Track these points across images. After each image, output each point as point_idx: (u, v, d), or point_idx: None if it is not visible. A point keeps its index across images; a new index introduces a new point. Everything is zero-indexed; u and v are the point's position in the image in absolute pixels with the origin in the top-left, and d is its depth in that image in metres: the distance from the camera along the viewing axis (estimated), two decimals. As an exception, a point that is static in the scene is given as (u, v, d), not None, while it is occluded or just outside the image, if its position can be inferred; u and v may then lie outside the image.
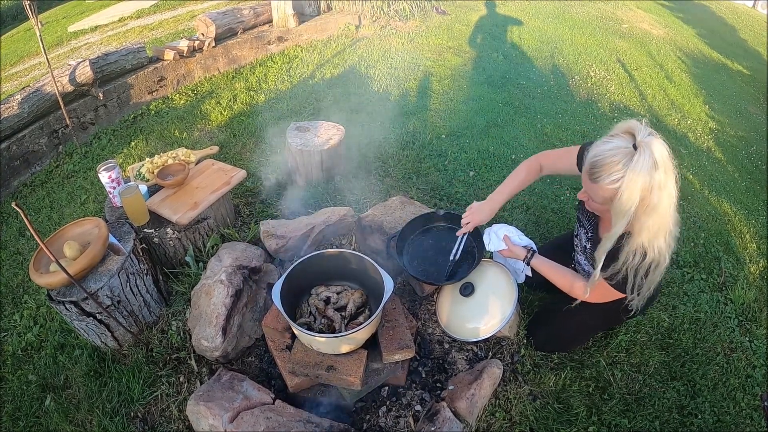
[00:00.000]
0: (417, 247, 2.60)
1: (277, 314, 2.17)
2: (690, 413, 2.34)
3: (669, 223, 1.72)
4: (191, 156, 3.09)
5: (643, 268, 1.79)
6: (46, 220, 3.76)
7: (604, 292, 1.99)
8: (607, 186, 1.67)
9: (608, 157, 1.65)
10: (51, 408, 2.29)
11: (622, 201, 1.64)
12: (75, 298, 2.12)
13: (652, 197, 1.62)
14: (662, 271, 1.83)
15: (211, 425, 1.93)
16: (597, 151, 1.69)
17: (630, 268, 1.80)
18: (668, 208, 1.68)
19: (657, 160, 1.59)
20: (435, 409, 2.02)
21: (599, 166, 1.67)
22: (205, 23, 5.75)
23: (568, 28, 8.01)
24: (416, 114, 4.84)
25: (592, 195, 1.80)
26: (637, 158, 1.59)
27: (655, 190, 1.61)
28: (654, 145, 1.60)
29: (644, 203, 1.64)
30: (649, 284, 1.86)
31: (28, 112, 4.24)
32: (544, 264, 2.23)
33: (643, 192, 1.61)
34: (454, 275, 2.44)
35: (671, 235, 1.77)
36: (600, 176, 1.68)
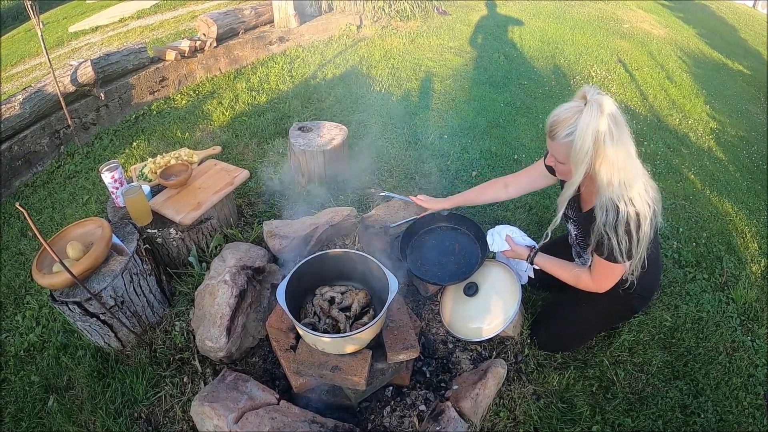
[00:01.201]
0: (420, 247, 2.62)
1: (282, 314, 2.18)
2: (693, 412, 2.35)
3: (632, 175, 1.82)
4: (194, 156, 3.09)
5: (621, 225, 1.84)
6: (48, 221, 3.76)
7: (604, 269, 2.04)
8: (563, 140, 1.82)
9: (562, 114, 1.82)
10: (54, 409, 2.28)
11: (577, 149, 1.77)
12: (78, 298, 2.12)
13: (606, 148, 1.75)
14: (646, 233, 1.88)
15: (215, 426, 1.93)
16: (554, 113, 1.87)
17: (608, 226, 1.86)
18: (625, 159, 1.79)
19: (604, 110, 1.73)
20: (439, 409, 2.02)
21: (556, 123, 1.84)
22: (207, 23, 5.75)
23: (569, 29, 8.02)
24: (418, 114, 4.84)
25: (555, 154, 1.93)
26: (586, 110, 1.74)
27: (606, 139, 1.74)
28: (602, 99, 1.74)
29: (599, 154, 1.77)
30: (636, 246, 1.90)
31: (29, 112, 4.24)
32: (548, 261, 2.29)
33: (595, 140, 1.74)
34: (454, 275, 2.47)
35: (647, 191, 1.87)
36: (557, 132, 1.84)
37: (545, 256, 2.30)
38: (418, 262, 2.54)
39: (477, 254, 2.54)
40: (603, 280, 2.09)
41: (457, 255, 2.58)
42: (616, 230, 1.86)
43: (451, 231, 2.68)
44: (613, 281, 2.08)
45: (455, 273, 2.48)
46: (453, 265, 2.53)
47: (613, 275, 2.05)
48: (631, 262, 1.98)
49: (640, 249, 1.92)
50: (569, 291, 2.50)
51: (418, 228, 2.66)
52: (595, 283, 2.11)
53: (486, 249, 2.44)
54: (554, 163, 2.01)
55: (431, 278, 2.47)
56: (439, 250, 2.60)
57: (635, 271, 2.03)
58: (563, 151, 1.86)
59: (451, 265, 2.52)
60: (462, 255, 2.58)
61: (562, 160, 1.91)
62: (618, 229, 1.85)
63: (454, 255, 2.58)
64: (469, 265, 2.49)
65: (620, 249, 1.89)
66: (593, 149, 1.76)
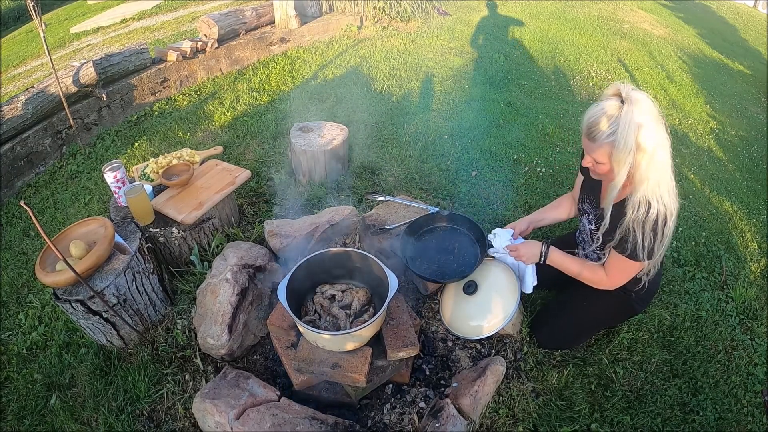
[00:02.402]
0: (421, 246, 2.63)
1: (283, 312, 2.19)
2: (692, 410, 2.36)
3: (668, 174, 1.85)
4: (195, 156, 3.10)
5: (650, 223, 1.85)
6: (51, 221, 3.78)
7: (621, 266, 2.05)
8: (606, 140, 1.80)
9: (600, 114, 1.80)
10: (56, 406, 2.29)
11: (620, 149, 1.77)
12: (81, 296, 2.13)
13: (647, 144, 1.75)
14: (671, 231, 1.89)
15: (217, 422, 1.94)
16: (590, 114, 1.84)
17: (636, 222, 1.87)
18: (664, 157, 1.82)
19: (644, 107, 1.73)
20: (439, 406, 2.03)
21: (595, 124, 1.81)
22: (208, 24, 5.77)
23: (569, 29, 8.03)
24: (418, 114, 4.85)
25: (595, 156, 1.89)
26: (626, 108, 1.73)
27: (648, 136, 1.74)
28: (639, 95, 1.75)
29: (641, 151, 1.76)
30: (659, 245, 1.90)
31: (32, 112, 4.26)
32: (560, 257, 2.28)
33: (637, 138, 1.74)
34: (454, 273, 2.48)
35: (674, 190, 1.88)
36: (597, 133, 1.81)
37: (557, 252, 2.29)
38: (418, 260, 2.55)
39: (476, 254, 2.55)
40: (617, 276, 2.10)
41: (457, 254, 2.59)
42: (643, 227, 1.86)
43: (451, 231, 2.69)
44: (627, 278, 2.10)
45: (455, 271, 2.48)
46: (453, 263, 2.53)
47: (629, 272, 2.07)
48: (649, 262, 1.98)
49: (662, 249, 1.93)
50: (569, 290, 2.52)
51: (418, 227, 2.67)
52: (609, 278, 2.13)
53: (485, 248, 2.46)
54: (592, 164, 1.98)
55: (431, 276, 2.48)
56: (439, 249, 2.61)
57: (651, 271, 2.06)
58: (605, 152, 1.84)
59: (451, 263, 2.52)
60: (461, 254, 2.58)
61: (603, 161, 1.89)
62: (645, 227, 1.86)
63: (454, 254, 2.59)
64: (469, 264, 2.49)
65: (643, 247, 1.90)
66: (635, 147, 1.76)
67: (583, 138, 1.92)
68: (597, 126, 1.81)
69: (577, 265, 2.24)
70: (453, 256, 2.57)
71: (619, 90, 1.79)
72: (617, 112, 1.76)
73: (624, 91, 1.77)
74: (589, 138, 1.86)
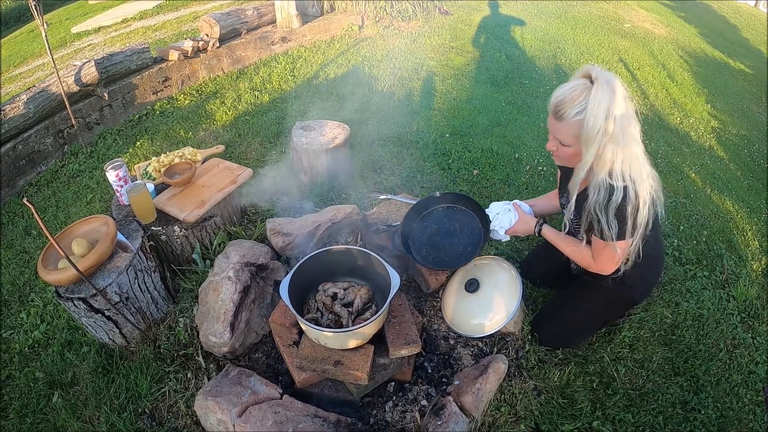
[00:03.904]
0: (421, 235, 2.57)
1: (285, 310, 2.19)
2: (693, 408, 2.36)
3: (637, 158, 1.80)
4: (197, 155, 3.11)
5: (612, 208, 1.81)
6: (52, 219, 3.79)
7: (598, 248, 2.02)
8: (573, 120, 1.77)
9: (569, 93, 1.76)
10: (58, 405, 2.30)
11: (588, 128, 1.73)
12: (83, 294, 2.14)
13: (615, 124, 1.72)
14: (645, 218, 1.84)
15: (219, 420, 1.95)
16: (558, 93, 1.81)
17: (598, 207, 1.84)
18: (632, 139, 1.78)
19: (614, 88, 1.70)
20: (441, 404, 2.03)
21: (563, 103, 1.78)
22: (209, 24, 5.78)
23: (570, 28, 8.03)
24: (420, 113, 4.86)
25: (561, 137, 1.86)
26: (595, 87, 1.70)
27: (617, 116, 1.71)
28: (610, 76, 1.72)
29: (608, 131, 1.73)
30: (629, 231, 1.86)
31: (33, 112, 4.27)
32: (554, 233, 2.26)
33: (606, 117, 1.70)
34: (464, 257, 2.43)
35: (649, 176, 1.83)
36: (564, 111, 1.78)
37: (551, 229, 2.27)
38: (423, 251, 2.51)
39: (479, 229, 2.48)
40: (603, 261, 2.06)
41: (460, 234, 2.52)
42: (606, 212, 1.83)
43: (447, 210, 2.61)
44: (612, 261, 2.04)
45: (463, 254, 2.44)
46: (459, 246, 2.48)
47: (609, 255, 2.01)
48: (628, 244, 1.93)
49: (635, 234, 1.88)
50: (569, 289, 2.52)
51: (414, 217, 2.62)
52: (596, 263, 2.09)
53: (487, 221, 2.39)
54: (557, 147, 1.94)
55: (441, 265, 2.45)
56: (441, 233, 2.55)
57: (629, 259, 2.02)
58: (571, 132, 1.81)
59: (457, 246, 2.47)
60: (465, 233, 2.51)
61: (569, 142, 1.85)
62: (608, 211, 1.83)
63: (457, 235, 2.53)
64: (475, 242, 2.43)
65: (609, 232, 1.87)
66: (604, 126, 1.72)
67: (549, 119, 1.88)
68: (565, 104, 1.78)
69: (568, 245, 2.21)
70: (457, 238, 2.52)
71: (589, 71, 1.77)
72: (586, 91, 1.73)
73: (594, 72, 1.75)
74: (556, 117, 1.83)
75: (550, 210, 2.53)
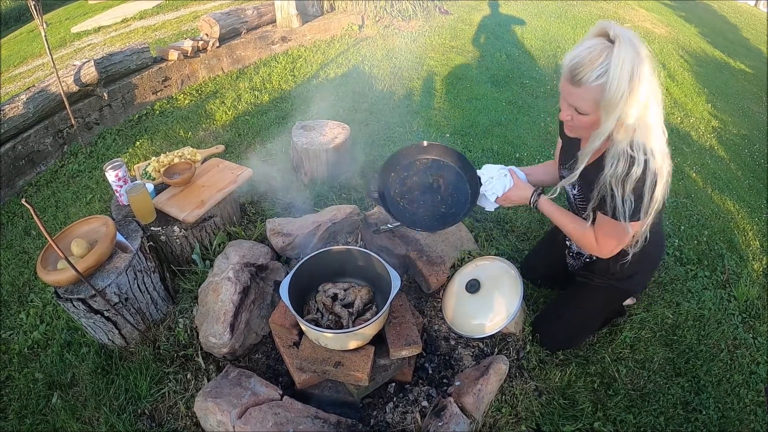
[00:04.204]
0: (400, 187, 2.33)
1: (285, 311, 2.19)
2: (694, 409, 2.35)
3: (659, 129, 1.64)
4: (197, 155, 3.10)
5: (631, 182, 1.65)
6: (52, 220, 3.78)
7: (606, 229, 1.85)
8: (593, 84, 1.57)
9: (586, 54, 1.56)
10: (58, 406, 2.29)
11: (611, 93, 1.54)
12: (83, 295, 2.13)
13: (640, 89, 1.54)
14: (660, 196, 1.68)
15: (219, 421, 1.94)
16: (573, 55, 1.60)
17: (615, 180, 1.67)
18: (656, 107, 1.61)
19: (637, 47, 1.52)
20: (442, 405, 2.03)
21: (580, 65, 1.57)
22: (209, 23, 5.77)
23: (570, 28, 8.02)
24: (420, 113, 4.85)
25: (578, 104, 1.67)
26: (617, 46, 1.50)
27: (642, 80, 1.53)
28: (631, 33, 1.54)
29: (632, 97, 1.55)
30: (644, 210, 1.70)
31: (33, 112, 4.26)
32: (553, 207, 2.09)
33: (630, 79, 1.52)
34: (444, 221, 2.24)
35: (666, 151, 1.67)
36: (583, 75, 1.57)
37: (550, 202, 2.08)
38: (400, 204, 2.27)
39: (466, 191, 2.25)
40: (607, 241, 1.90)
41: (444, 194, 2.30)
42: (623, 186, 1.66)
43: (433, 163, 2.35)
44: (617, 244, 1.90)
45: (445, 216, 2.24)
46: (440, 206, 2.26)
47: (618, 236, 1.85)
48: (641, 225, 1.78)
49: (649, 215, 1.72)
50: (567, 289, 2.51)
51: (393, 165, 2.34)
52: (599, 244, 1.93)
53: (477, 183, 2.19)
54: (571, 117, 1.74)
55: (417, 224, 2.23)
56: (422, 188, 2.31)
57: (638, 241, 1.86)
58: (591, 98, 1.60)
59: (438, 206, 2.25)
60: (449, 194, 2.29)
61: (587, 110, 1.65)
62: (626, 186, 1.65)
63: (440, 194, 2.30)
64: (459, 205, 2.23)
65: (624, 210, 1.70)
66: (628, 91, 1.52)
67: (563, 84, 1.67)
68: (583, 67, 1.56)
69: (567, 220, 2.05)
70: (440, 197, 2.30)
71: (606, 29, 1.56)
72: (606, 51, 1.53)
73: (612, 29, 1.54)
74: (572, 82, 1.62)
75: (547, 181, 2.35)
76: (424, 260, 2.64)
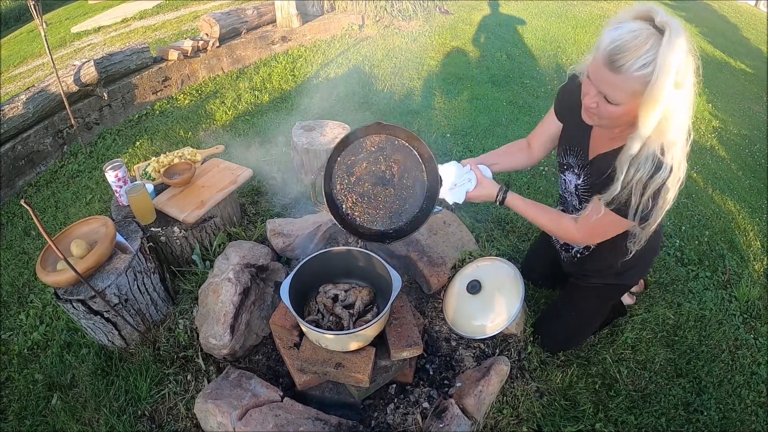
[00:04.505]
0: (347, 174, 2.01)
1: (285, 312, 2.18)
2: (696, 410, 2.35)
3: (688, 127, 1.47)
4: (197, 155, 3.09)
5: (653, 186, 1.51)
6: (52, 220, 3.77)
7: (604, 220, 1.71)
8: (636, 73, 1.38)
9: (631, 39, 1.37)
10: (57, 407, 2.29)
11: (657, 86, 1.36)
12: (82, 296, 2.13)
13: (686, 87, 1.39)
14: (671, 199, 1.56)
15: (219, 423, 1.94)
16: (614, 36, 1.40)
17: (639, 182, 1.52)
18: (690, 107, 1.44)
19: (688, 40, 1.36)
20: (443, 406, 2.02)
21: (623, 50, 1.38)
22: (209, 23, 5.76)
23: (571, 27, 8.00)
24: (421, 113, 4.85)
25: (611, 92, 1.48)
26: (668, 37, 1.33)
27: (689, 76, 1.39)
28: (680, 25, 1.36)
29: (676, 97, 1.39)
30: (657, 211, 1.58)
31: (33, 112, 4.26)
32: (521, 201, 1.94)
33: (678, 75, 1.35)
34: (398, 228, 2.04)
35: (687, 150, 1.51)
36: (626, 62, 1.38)
37: (517, 196, 1.95)
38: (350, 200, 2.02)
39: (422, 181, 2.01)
40: (592, 232, 1.79)
41: (398, 185, 2.02)
42: (644, 189, 1.53)
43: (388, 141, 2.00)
44: (604, 237, 1.80)
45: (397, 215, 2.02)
46: (394, 201, 2.02)
47: (610, 231, 1.76)
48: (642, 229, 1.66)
49: (660, 217, 1.61)
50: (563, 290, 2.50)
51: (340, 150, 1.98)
52: (581, 232, 1.81)
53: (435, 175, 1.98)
54: (597, 104, 1.56)
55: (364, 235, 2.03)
56: (373, 177, 2.01)
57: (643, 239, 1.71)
58: (630, 88, 1.42)
59: (392, 201, 2.01)
60: (404, 184, 2.02)
61: (621, 100, 1.48)
62: (647, 189, 1.52)
63: (394, 185, 2.02)
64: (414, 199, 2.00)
65: (637, 210, 1.58)
66: (673, 86, 1.36)
67: (597, 67, 1.48)
68: (626, 53, 1.38)
69: (542, 213, 1.92)
70: (393, 189, 2.03)
71: (650, 14, 1.39)
72: (652, 38, 1.36)
73: (658, 15, 1.37)
74: (610, 67, 1.42)
75: (516, 165, 2.23)
76: (425, 261, 2.63)
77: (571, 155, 1.93)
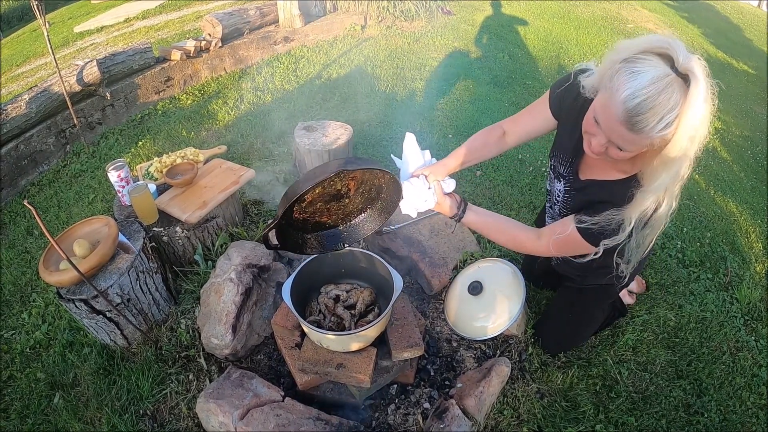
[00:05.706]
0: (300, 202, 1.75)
1: (287, 312, 2.18)
2: (696, 412, 2.35)
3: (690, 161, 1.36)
4: (199, 155, 3.10)
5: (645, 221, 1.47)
6: (54, 220, 3.78)
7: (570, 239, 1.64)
8: (656, 134, 1.28)
9: (654, 96, 1.23)
10: (60, 406, 2.30)
11: (675, 148, 1.27)
12: (85, 296, 2.13)
13: (699, 143, 1.31)
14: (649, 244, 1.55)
15: (221, 423, 1.94)
16: (634, 89, 1.25)
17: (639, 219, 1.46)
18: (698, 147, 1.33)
19: (709, 87, 1.26)
20: (444, 407, 2.03)
21: (645, 110, 1.25)
22: (212, 23, 5.77)
23: (573, 28, 8.00)
24: (423, 114, 4.85)
25: (624, 145, 1.37)
26: (694, 90, 1.22)
27: (704, 133, 1.30)
28: (703, 67, 1.24)
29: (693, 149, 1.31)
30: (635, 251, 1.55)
31: (35, 111, 4.26)
32: (479, 218, 1.88)
33: (699, 129, 1.27)
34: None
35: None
36: (647, 124, 1.26)
37: (474, 213, 1.86)
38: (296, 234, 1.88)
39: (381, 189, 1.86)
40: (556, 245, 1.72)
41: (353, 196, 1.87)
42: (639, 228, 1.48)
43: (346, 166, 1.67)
44: (567, 254, 1.75)
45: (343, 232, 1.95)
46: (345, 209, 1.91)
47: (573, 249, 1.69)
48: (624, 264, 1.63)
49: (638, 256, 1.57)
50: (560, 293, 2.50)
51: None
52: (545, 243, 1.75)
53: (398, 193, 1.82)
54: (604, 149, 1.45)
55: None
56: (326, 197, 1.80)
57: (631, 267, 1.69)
58: (645, 144, 1.33)
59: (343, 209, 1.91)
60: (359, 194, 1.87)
61: (634, 150, 1.38)
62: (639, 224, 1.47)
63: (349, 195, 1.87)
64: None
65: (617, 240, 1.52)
66: (693, 144, 1.29)
67: (611, 120, 1.34)
68: (647, 113, 1.24)
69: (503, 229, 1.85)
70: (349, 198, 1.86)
71: (671, 53, 1.25)
72: (677, 95, 1.23)
73: (681, 56, 1.23)
74: (628, 126, 1.29)
75: (487, 155, 2.11)
76: (427, 262, 2.64)
77: (562, 164, 1.86)
